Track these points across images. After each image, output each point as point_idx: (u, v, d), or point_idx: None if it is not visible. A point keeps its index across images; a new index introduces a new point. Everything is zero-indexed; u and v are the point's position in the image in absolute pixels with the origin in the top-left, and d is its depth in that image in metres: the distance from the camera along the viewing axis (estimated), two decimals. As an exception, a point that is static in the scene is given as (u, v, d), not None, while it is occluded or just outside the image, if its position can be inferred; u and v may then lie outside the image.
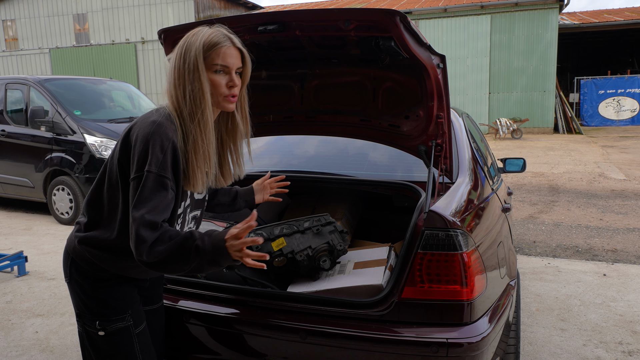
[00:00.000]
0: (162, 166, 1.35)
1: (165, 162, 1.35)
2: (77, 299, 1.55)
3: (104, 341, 1.53)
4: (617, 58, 26.07)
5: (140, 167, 1.35)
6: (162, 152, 1.35)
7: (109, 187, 1.48)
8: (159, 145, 1.35)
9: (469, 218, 1.90)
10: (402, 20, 1.72)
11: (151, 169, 1.33)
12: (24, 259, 4.30)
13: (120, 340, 1.53)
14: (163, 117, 1.40)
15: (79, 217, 1.58)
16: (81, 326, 1.57)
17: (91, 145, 5.96)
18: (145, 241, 1.30)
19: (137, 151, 1.36)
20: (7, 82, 6.80)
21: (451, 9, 18.54)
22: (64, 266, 1.58)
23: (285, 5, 29.46)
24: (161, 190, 1.34)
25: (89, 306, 1.52)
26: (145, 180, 1.33)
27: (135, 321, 1.55)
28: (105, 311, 1.51)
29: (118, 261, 1.49)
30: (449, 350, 1.61)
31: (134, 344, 1.55)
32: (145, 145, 1.35)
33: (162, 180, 1.35)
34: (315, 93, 2.35)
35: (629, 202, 6.99)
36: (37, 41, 24.01)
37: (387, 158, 2.78)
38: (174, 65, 1.44)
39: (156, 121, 1.38)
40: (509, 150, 13.19)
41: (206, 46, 1.43)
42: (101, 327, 1.51)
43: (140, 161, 1.35)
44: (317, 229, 2.07)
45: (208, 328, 1.84)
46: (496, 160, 3.79)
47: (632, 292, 3.73)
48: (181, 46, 1.45)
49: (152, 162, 1.34)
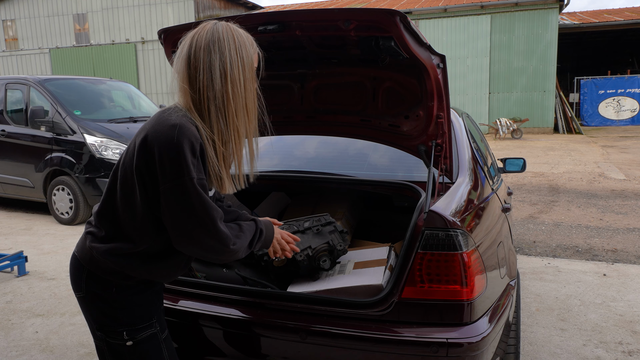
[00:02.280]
0: (199, 169, 1.31)
1: (200, 165, 1.32)
2: (98, 312, 1.45)
3: (131, 351, 1.45)
4: (617, 58, 26.07)
5: (177, 174, 1.28)
6: (195, 156, 1.30)
7: (122, 196, 1.40)
8: (189, 149, 1.29)
9: (469, 218, 1.90)
10: (402, 20, 1.72)
11: (192, 175, 1.29)
12: (24, 259, 4.30)
13: (150, 348, 1.47)
14: (183, 119, 1.33)
15: (91, 227, 1.48)
16: (101, 340, 1.47)
17: (91, 145, 5.96)
18: (228, 237, 1.37)
19: (167, 158, 1.28)
20: (7, 82, 6.80)
21: (451, 9, 18.54)
22: (75, 280, 1.48)
23: (285, 5, 29.45)
24: (206, 192, 1.33)
25: (115, 317, 1.44)
26: (191, 188, 1.29)
27: (161, 327, 1.50)
28: (132, 320, 1.44)
29: (146, 265, 1.43)
30: (449, 350, 1.61)
31: (163, 350, 1.49)
32: (175, 151, 1.28)
33: (203, 183, 1.32)
34: (315, 93, 2.35)
35: (629, 202, 6.99)
36: (37, 41, 24.01)
37: (387, 158, 2.78)
38: (224, 59, 1.35)
39: (178, 124, 1.30)
40: (509, 150, 13.19)
41: (254, 48, 1.42)
42: (129, 336, 1.43)
43: (175, 168, 1.28)
44: (317, 229, 2.07)
45: (208, 328, 1.84)
46: (496, 160, 3.79)
47: (632, 292, 3.73)
48: (228, 41, 1.36)
49: (190, 167, 1.28)
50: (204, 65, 1.35)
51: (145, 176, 1.34)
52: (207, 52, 1.35)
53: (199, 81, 1.35)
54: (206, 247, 1.35)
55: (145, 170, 1.34)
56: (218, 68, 1.35)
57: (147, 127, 1.36)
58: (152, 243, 1.41)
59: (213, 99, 1.35)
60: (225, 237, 1.36)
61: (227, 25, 1.40)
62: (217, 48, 1.35)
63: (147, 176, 1.34)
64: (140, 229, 1.39)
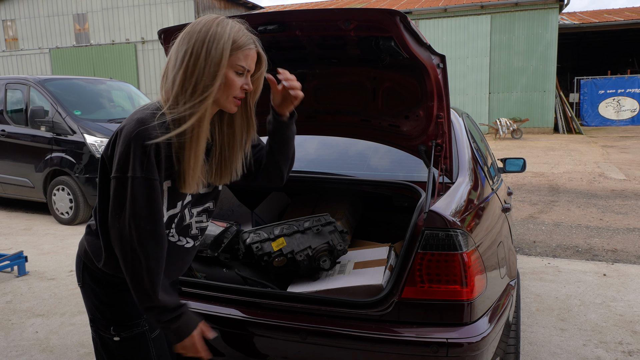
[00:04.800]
0: (149, 168, 1.29)
1: (151, 164, 1.29)
2: (90, 304, 1.50)
3: (119, 347, 1.47)
4: (617, 58, 26.08)
5: (121, 168, 1.28)
6: (145, 154, 1.27)
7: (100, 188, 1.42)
8: (140, 146, 1.27)
9: (469, 218, 1.90)
10: (402, 20, 1.72)
11: (136, 173, 1.27)
12: (24, 259, 4.30)
13: (136, 345, 1.48)
14: (149, 114, 1.32)
15: (90, 220, 1.53)
16: (95, 332, 1.51)
17: (91, 145, 5.97)
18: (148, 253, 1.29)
19: (119, 151, 1.29)
20: (7, 82, 6.80)
21: (451, 9, 18.54)
22: (76, 270, 1.54)
23: (285, 5, 29.45)
24: (154, 192, 1.30)
25: (103, 312, 1.47)
26: (129, 185, 1.27)
27: (150, 326, 1.50)
28: (119, 317, 1.46)
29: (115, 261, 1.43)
30: (449, 350, 1.61)
31: (150, 349, 1.50)
32: (126, 146, 1.28)
33: (151, 184, 1.29)
34: (315, 93, 2.35)
35: (629, 202, 6.99)
36: (37, 41, 24.01)
37: (387, 158, 2.78)
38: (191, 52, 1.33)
39: (140, 119, 1.30)
40: (509, 150, 13.19)
41: (235, 43, 1.35)
42: (116, 332, 1.45)
43: (122, 162, 1.28)
44: (317, 229, 2.07)
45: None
46: (496, 160, 3.79)
47: (632, 292, 3.73)
48: (204, 33, 1.34)
49: (135, 165, 1.27)
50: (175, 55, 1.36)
51: (108, 165, 1.37)
52: (181, 41, 1.36)
53: (167, 69, 1.38)
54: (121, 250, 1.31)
55: (108, 159, 1.37)
56: (181, 56, 1.34)
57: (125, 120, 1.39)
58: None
59: (171, 86, 1.34)
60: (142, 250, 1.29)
61: (214, 19, 1.38)
62: (187, 38, 1.35)
63: (109, 164, 1.36)
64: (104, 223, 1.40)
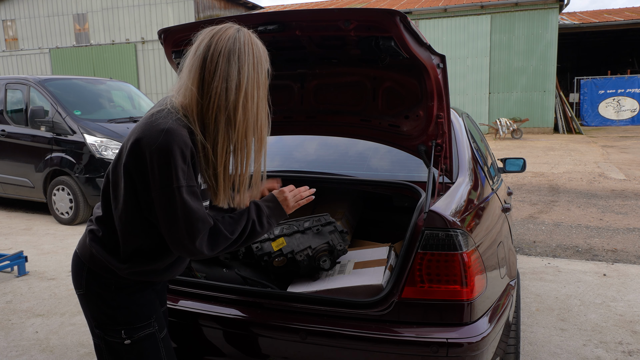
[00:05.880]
0: (189, 176, 1.30)
1: (190, 172, 1.31)
2: (97, 310, 1.46)
3: (129, 350, 1.46)
4: (617, 58, 26.08)
5: (165, 182, 1.28)
6: (185, 162, 1.28)
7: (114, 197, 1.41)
8: (180, 155, 1.27)
9: (469, 218, 1.90)
10: (402, 20, 1.72)
11: (180, 183, 1.28)
12: (24, 259, 4.30)
13: (147, 347, 1.47)
14: (174, 123, 1.30)
15: (92, 226, 1.49)
16: (99, 338, 1.48)
17: (91, 145, 5.97)
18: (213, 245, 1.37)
19: (157, 164, 1.27)
20: (7, 82, 6.80)
21: (451, 9, 18.54)
22: (76, 277, 1.49)
23: (285, 5, 29.45)
24: (197, 199, 1.32)
25: (113, 316, 1.44)
26: (177, 197, 1.28)
27: (159, 326, 1.50)
28: (130, 319, 1.44)
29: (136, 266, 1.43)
30: (449, 350, 1.61)
31: (160, 349, 1.50)
32: (165, 158, 1.27)
33: (193, 190, 1.31)
34: (315, 93, 2.35)
35: (629, 202, 6.99)
36: (37, 41, 24.01)
37: (387, 158, 2.78)
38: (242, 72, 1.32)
39: (168, 129, 1.28)
40: (509, 150, 13.19)
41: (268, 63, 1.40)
42: (127, 335, 1.44)
43: (164, 175, 1.27)
44: (317, 229, 2.07)
45: (208, 328, 1.84)
46: (496, 160, 3.79)
47: (632, 292, 3.73)
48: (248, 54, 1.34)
49: (179, 175, 1.27)
50: (221, 73, 1.31)
51: (135, 178, 1.34)
52: (226, 60, 1.32)
53: (213, 88, 1.32)
54: (192, 253, 1.35)
55: (135, 173, 1.33)
56: (235, 79, 1.32)
57: (138, 130, 1.34)
58: (142, 243, 1.41)
59: (224, 109, 1.32)
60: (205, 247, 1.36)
61: (249, 36, 1.38)
62: (236, 58, 1.32)
63: (137, 179, 1.33)
64: (129, 230, 1.39)
